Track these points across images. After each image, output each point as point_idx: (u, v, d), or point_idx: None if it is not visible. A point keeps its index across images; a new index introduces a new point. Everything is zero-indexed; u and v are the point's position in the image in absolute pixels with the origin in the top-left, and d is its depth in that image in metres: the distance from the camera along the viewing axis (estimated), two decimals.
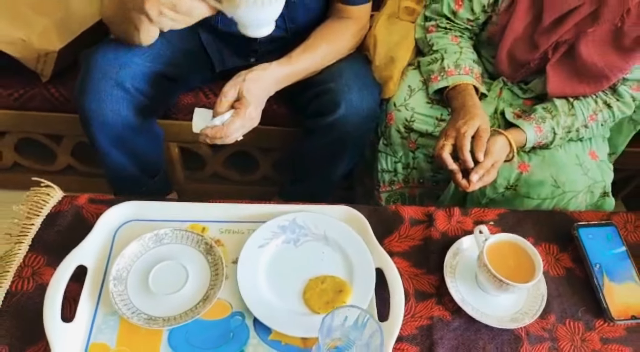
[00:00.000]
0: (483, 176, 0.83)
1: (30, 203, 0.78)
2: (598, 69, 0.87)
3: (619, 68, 0.86)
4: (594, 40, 0.86)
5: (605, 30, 0.84)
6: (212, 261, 0.75)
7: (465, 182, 0.82)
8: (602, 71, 0.86)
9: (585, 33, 0.86)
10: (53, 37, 1.05)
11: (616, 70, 0.86)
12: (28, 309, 0.68)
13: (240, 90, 0.85)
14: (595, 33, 0.85)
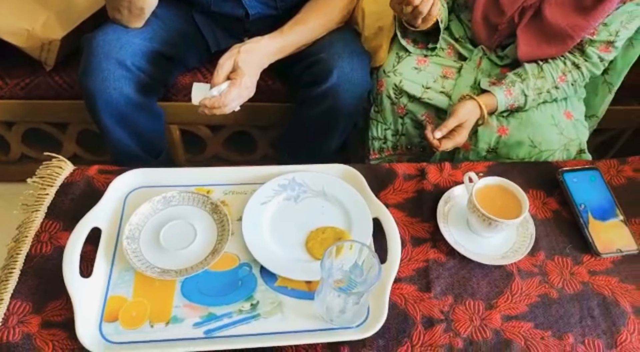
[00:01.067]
0: (454, 137, 0.89)
1: (43, 175, 0.83)
2: (562, 30, 0.91)
3: (581, 27, 0.90)
4: (557, 3, 0.91)
5: None
6: (218, 218, 0.79)
7: (437, 141, 0.87)
8: (566, 31, 0.91)
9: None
10: (56, 27, 1.10)
11: (578, 30, 0.91)
12: (48, 269, 0.73)
13: (235, 62, 0.90)
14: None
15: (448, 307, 0.74)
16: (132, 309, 0.70)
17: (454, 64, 1.06)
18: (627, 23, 0.92)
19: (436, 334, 0.71)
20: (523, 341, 0.71)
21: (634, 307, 0.76)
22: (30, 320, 0.68)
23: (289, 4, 1.05)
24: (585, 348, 0.71)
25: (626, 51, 1.03)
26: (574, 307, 0.75)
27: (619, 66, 1.05)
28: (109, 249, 0.75)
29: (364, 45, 1.08)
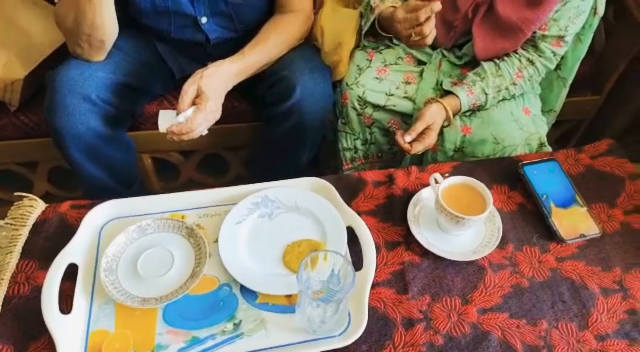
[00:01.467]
0: (424, 139, 0.93)
1: (15, 216, 0.83)
2: (514, 24, 0.96)
3: (530, 21, 0.95)
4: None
5: None
6: (195, 242, 0.80)
7: (408, 145, 0.91)
8: (518, 25, 0.96)
9: None
10: (17, 66, 1.10)
11: (529, 23, 0.96)
12: (26, 309, 0.73)
13: (199, 87, 0.92)
14: None
15: (426, 306, 0.76)
16: (115, 341, 0.70)
17: (415, 69, 1.10)
18: (574, 18, 0.98)
19: (417, 334, 0.73)
20: (500, 332, 0.73)
21: (602, 288, 0.79)
22: None
23: (248, 26, 1.07)
24: (559, 332, 0.74)
25: (575, 46, 1.09)
26: (545, 294, 0.78)
27: (570, 61, 1.11)
28: (87, 283, 0.75)
29: (324, 60, 1.11)
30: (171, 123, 0.91)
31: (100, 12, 0.88)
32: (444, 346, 0.72)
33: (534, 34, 0.99)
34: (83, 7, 0.86)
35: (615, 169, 0.96)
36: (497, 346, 0.72)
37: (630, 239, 0.86)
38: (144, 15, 1.01)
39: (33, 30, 1.17)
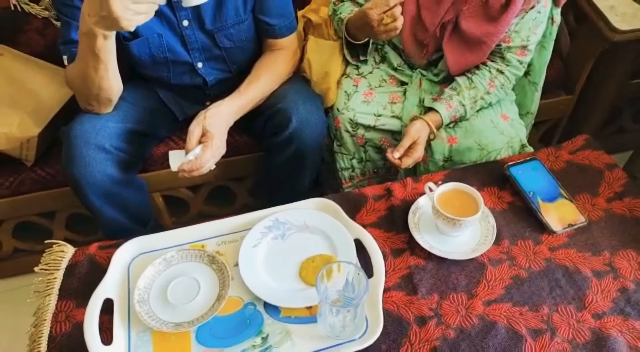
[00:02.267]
0: (412, 154, 1.02)
1: (48, 261, 0.90)
2: (478, 38, 1.06)
3: (492, 34, 1.05)
4: (470, 16, 1.05)
5: (476, 6, 1.04)
6: (217, 268, 0.87)
7: (398, 161, 1.01)
8: (481, 39, 1.06)
9: (462, 11, 1.05)
10: (30, 125, 1.18)
11: (491, 36, 1.05)
12: (70, 345, 0.79)
13: (203, 127, 1.00)
14: (470, 10, 1.05)
15: (435, 304, 0.83)
16: None
17: (399, 89, 1.19)
18: (534, 28, 1.08)
19: (430, 330, 0.79)
20: (505, 320, 0.80)
21: (594, 271, 0.86)
22: None
23: (241, 66, 1.17)
24: (560, 315, 0.81)
25: (540, 53, 1.19)
26: (542, 281, 0.85)
27: (537, 67, 1.21)
28: (123, 315, 0.81)
29: (314, 89, 1.20)
30: (182, 162, 0.99)
31: (107, 77, 0.96)
32: (456, 338, 0.78)
33: (500, 46, 1.08)
34: (90, 74, 0.94)
35: (594, 161, 1.04)
36: (504, 333, 0.79)
37: (615, 224, 0.93)
38: (145, 67, 1.10)
39: (41, 90, 1.26)
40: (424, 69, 1.20)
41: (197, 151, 0.99)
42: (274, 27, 1.13)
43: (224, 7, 1.05)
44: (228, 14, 1.06)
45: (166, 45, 1.05)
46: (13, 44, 1.34)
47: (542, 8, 1.06)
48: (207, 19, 1.05)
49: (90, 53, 0.89)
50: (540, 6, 1.05)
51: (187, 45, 1.08)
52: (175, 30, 1.05)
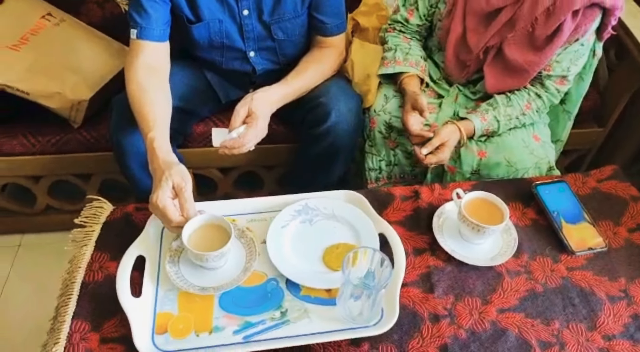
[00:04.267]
0: (437, 154, 1.06)
1: (88, 215, 0.95)
2: (520, 65, 1.09)
3: (535, 63, 1.08)
4: (515, 43, 1.09)
5: (521, 35, 1.07)
6: (246, 242, 0.91)
7: (423, 156, 1.05)
8: (523, 67, 1.09)
9: (507, 38, 1.09)
10: (83, 88, 1.24)
11: (533, 65, 1.09)
12: (101, 293, 0.83)
13: (250, 108, 1.05)
14: (515, 37, 1.08)
15: (450, 304, 0.85)
16: (179, 322, 0.80)
17: (435, 101, 1.22)
18: (575, 60, 1.11)
19: (442, 328, 0.82)
20: (517, 329, 0.82)
21: (609, 296, 0.88)
22: (90, 337, 0.78)
23: (289, 59, 1.22)
24: (570, 331, 0.83)
25: (578, 84, 1.22)
26: (557, 298, 0.87)
27: (574, 97, 1.23)
28: (153, 273, 0.86)
29: (355, 89, 1.24)
30: (225, 138, 1.03)
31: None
32: (466, 339, 0.81)
33: (540, 74, 1.12)
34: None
35: (620, 191, 1.06)
36: (514, 341, 0.81)
37: (634, 254, 0.95)
38: (201, 50, 1.16)
39: (96, 59, 1.33)
40: (462, 85, 1.23)
41: (241, 130, 1.04)
42: (326, 25, 1.17)
43: (283, 1, 1.10)
44: (286, 7, 1.11)
45: (225, 32, 1.11)
46: (74, 13, 1.42)
47: (586, 41, 1.09)
48: (266, 11, 1.10)
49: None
50: (584, 39, 1.08)
51: (243, 33, 1.13)
52: (234, 18, 1.10)
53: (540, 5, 1.04)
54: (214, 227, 0.87)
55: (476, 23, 1.12)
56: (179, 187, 0.84)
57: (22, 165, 1.30)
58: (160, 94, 1.01)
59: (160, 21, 1.04)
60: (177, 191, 0.84)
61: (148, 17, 1.02)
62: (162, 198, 0.82)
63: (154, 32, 1.03)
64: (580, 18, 1.04)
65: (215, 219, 0.87)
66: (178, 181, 0.84)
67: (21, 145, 1.27)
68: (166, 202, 0.82)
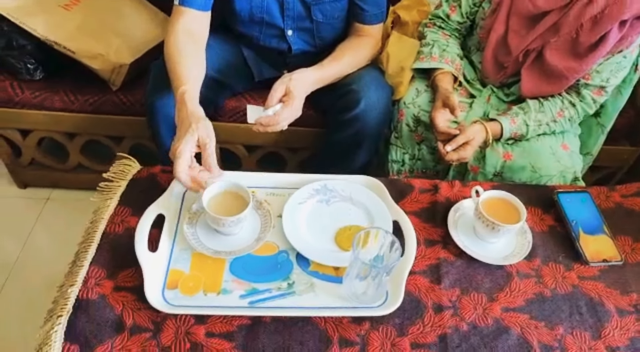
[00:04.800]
0: (459, 151, 1.06)
1: (116, 171, 0.99)
2: (559, 71, 1.08)
3: (575, 70, 1.07)
4: (557, 48, 1.08)
5: (564, 40, 1.06)
6: (262, 213, 0.94)
7: (444, 151, 1.06)
8: (562, 73, 1.08)
9: (549, 42, 1.08)
10: (125, 53, 1.29)
11: (573, 72, 1.07)
12: (120, 244, 0.87)
13: (287, 87, 1.06)
14: (557, 42, 1.07)
15: (455, 297, 0.86)
16: (190, 280, 0.83)
17: (466, 100, 1.22)
18: (616, 72, 1.09)
19: (444, 318, 0.82)
20: (519, 329, 0.82)
21: (618, 309, 0.87)
22: (104, 283, 0.82)
23: (326, 42, 1.24)
24: (573, 338, 0.82)
25: (615, 98, 1.19)
26: (564, 304, 0.87)
27: (610, 110, 1.21)
28: (171, 231, 0.89)
29: (388, 81, 1.25)
30: (260, 115, 1.06)
31: None
32: (467, 332, 0.81)
33: (578, 82, 1.10)
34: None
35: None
36: (515, 340, 0.81)
37: None
38: (240, 23, 1.19)
39: (141, 26, 1.38)
40: (496, 87, 1.23)
41: (277, 108, 1.06)
42: (366, 12, 1.19)
43: None
44: None
45: (266, 7, 1.13)
46: None
47: (629, 54, 1.07)
48: None
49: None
50: (627, 52, 1.06)
51: (284, 11, 1.15)
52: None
53: (588, 12, 1.02)
54: (233, 195, 0.89)
55: (520, 25, 1.12)
56: (203, 142, 0.87)
57: (59, 121, 1.36)
58: (196, 58, 1.05)
59: None
60: (202, 145, 0.87)
61: None
62: (184, 149, 0.85)
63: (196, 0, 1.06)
64: (628, 29, 1.02)
65: (235, 187, 0.89)
66: (203, 136, 0.87)
67: (61, 101, 1.33)
68: (185, 155, 0.85)
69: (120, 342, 0.76)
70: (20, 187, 1.63)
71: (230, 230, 0.88)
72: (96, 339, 0.75)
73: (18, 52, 1.29)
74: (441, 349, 0.79)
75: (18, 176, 1.59)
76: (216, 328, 0.78)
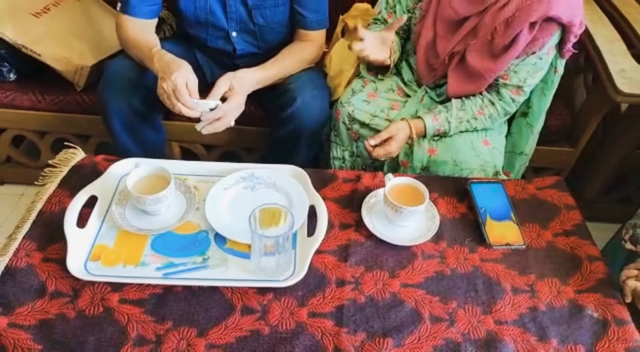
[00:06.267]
0: (384, 146, 1.14)
1: (61, 158, 1.08)
2: (478, 72, 1.16)
3: (491, 70, 1.14)
4: (476, 50, 1.15)
5: (482, 43, 1.14)
6: (189, 197, 1.01)
7: (371, 148, 1.13)
8: (480, 73, 1.15)
9: (469, 45, 1.16)
10: (88, 56, 1.40)
11: (490, 72, 1.15)
12: (53, 222, 0.95)
13: (231, 84, 1.16)
14: (476, 45, 1.15)
15: (359, 274, 0.92)
16: (112, 254, 0.91)
17: (401, 99, 1.30)
18: (533, 73, 1.16)
19: (345, 292, 0.89)
20: (414, 302, 0.88)
21: (513, 288, 0.92)
22: (34, 255, 0.90)
23: (269, 45, 1.33)
24: (465, 311, 0.88)
25: (540, 99, 1.26)
26: (462, 282, 0.92)
27: (536, 110, 1.28)
28: (102, 211, 0.97)
29: (329, 83, 1.34)
30: (202, 111, 1.14)
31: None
32: (364, 304, 0.87)
33: (497, 82, 1.18)
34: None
35: (556, 200, 1.10)
36: (407, 312, 0.87)
37: (552, 255, 0.99)
38: (188, 25, 1.29)
39: (106, 33, 1.49)
40: (430, 88, 1.30)
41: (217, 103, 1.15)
42: (307, 19, 1.28)
43: None
44: None
45: (209, 8, 1.24)
46: None
47: (545, 55, 1.14)
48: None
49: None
50: (542, 53, 1.14)
51: (227, 14, 1.25)
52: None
53: (501, 16, 1.10)
54: (159, 178, 0.97)
55: (445, 30, 1.20)
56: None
57: (28, 119, 1.47)
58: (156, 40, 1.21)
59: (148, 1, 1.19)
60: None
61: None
62: (180, 83, 1.09)
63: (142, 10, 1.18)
64: (537, 31, 1.10)
65: (159, 170, 0.97)
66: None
67: (29, 100, 1.44)
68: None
69: (40, 305, 0.83)
70: None
71: (153, 209, 0.96)
72: (18, 302, 0.83)
73: None
74: (336, 318, 0.85)
75: None
76: (129, 295, 0.85)
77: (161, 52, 1.15)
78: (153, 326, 0.82)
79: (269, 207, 0.95)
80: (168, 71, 1.09)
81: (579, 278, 0.95)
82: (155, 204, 0.94)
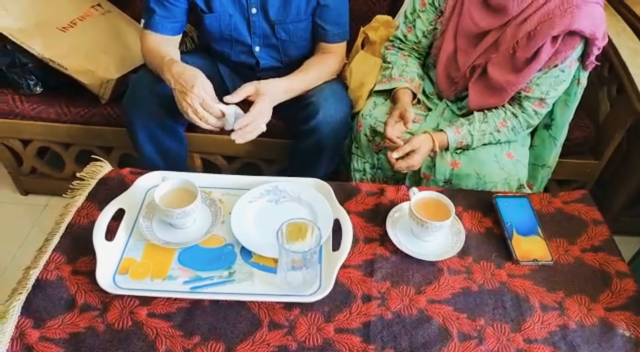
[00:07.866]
0: (406, 160, 1.13)
1: (89, 171, 1.09)
2: (500, 85, 1.15)
3: (513, 83, 1.14)
4: (498, 64, 1.15)
5: (504, 56, 1.14)
6: (214, 211, 1.02)
7: (394, 160, 1.12)
8: (502, 86, 1.15)
9: (491, 58, 1.15)
10: (113, 69, 1.42)
11: (512, 85, 1.14)
12: (82, 235, 0.96)
13: (257, 88, 1.17)
14: (498, 58, 1.15)
15: (385, 289, 0.92)
16: (140, 267, 0.91)
17: (423, 113, 1.30)
18: (555, 85, 1.15)
19: (371, 308, 0.88)
20: (441, 319, 0.88)
21: (542, 304, 0.91)
22: (63, 267, 0.91)
23: (292, 59, 1.35)
24: (493, 329, 0.87)
25: (563, 111, 1.25)
26: (489, 299, 0.91)
27: (559, 123, 1.27)
28: (129, 224, 0.98)
29: (350, 95, 1.34)
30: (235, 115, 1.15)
31: None
32: (391, 320, 0.87)
33: (519, 94, 1.17)
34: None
35: (583, 214, 1.08)
36: (435, 329, 0.86)
37: (580, 272, 0.97)
38: (212, 40, 1.31)
39: (132, 47, 1.51)
40: (451, 101, 1.30)
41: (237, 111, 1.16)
42: (328, 32, 1.29)
43: (289, 5, 1.23)
44: (291, 11, 1.24)
45: (233, 25, 1.25)
46: (121, 7, 1.62)
47: (567, 68, 1.14)
48: (272, 12, 1.24)
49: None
50: (565, 66, 1.13)
51: (250, 29, 1.27)
52: (243, 14, 1.25)
53: (523, 29, 1.10)
54: (186, 192, 0.98)
55: (466, 43, 1.20)
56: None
57: (53, 131, 1.49)
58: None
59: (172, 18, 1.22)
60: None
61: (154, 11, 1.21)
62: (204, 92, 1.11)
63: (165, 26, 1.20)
64: (560, 44, 1.09)
65: (186, 184, 0.98)
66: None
67: (56, 113, 1.46)
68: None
69: (70, 318, 0.84)
70: (22, 194, 1.76)
71: (180, 223, 0.96)
72: (49, 315, 0.84)
73: (20, 69, 1.44)
74: (363, 334, 0.85)
75: (20, 184, 1.73)
76: (157, 309, 0.86)
77: (172, 60, 1.16)
78: (181, 341, 0.82)
79: (296, 222, 0.95)
80: (187, 85, 1.10)
81: (608, 295, 0.93)
82: (182, 217, 0.95)
